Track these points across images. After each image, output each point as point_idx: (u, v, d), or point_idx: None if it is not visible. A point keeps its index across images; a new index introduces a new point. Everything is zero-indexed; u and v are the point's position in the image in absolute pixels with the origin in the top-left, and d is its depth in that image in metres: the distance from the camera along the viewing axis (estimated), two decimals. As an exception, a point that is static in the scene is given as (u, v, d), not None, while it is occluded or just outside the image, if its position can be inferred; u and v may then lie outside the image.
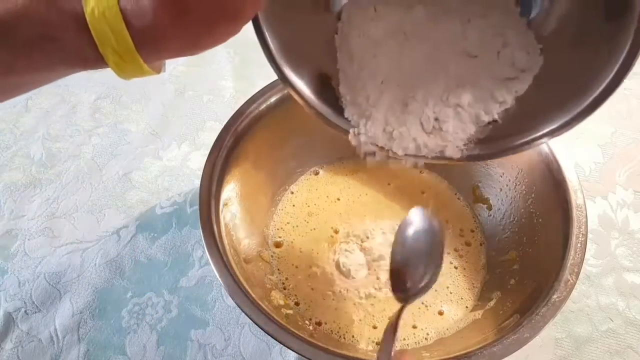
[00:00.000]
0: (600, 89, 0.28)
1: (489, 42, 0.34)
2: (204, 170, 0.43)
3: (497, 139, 0.34)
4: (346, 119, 0.36)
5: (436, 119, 0.34)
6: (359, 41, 0.36)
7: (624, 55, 0.27)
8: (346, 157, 0.55)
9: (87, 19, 0.26)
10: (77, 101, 0.65)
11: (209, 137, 0.48)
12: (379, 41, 0.35)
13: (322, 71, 0.36)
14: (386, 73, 0.35)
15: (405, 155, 0.34)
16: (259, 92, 0.48)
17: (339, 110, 0.36)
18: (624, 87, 0.62)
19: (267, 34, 0.32)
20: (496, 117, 0.34)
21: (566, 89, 0.31)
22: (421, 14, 0.35)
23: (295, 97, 0.35)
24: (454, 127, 0.34)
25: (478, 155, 0.34)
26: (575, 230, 0.39)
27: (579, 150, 0.57)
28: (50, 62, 0.28)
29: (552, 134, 0.31)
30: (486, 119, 0.34)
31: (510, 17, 0.34)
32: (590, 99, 0.29)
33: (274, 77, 0.49)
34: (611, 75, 0.28)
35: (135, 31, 0.27)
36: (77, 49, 0.28)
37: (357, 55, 0.35)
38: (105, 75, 0.69)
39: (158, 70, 0.33)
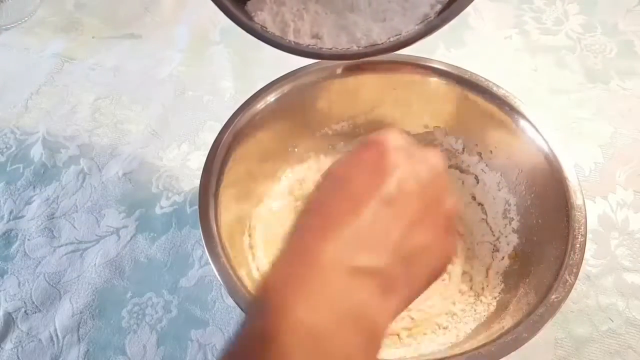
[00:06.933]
0: None
1: None
2: (203, 170, 0.43)
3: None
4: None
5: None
6: None
7: None
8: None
9: None
10: (77, 101, 0.65)
11: (209, 137, 0.48)
12: None
13: None
14: None
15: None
16: (258, 91, 0.48)
17: None
18: (624, 87, 0.62)
19: None
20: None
21: None
22: None
23: None
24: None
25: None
26: (574, 231, 0.39)
27: (579, 150, 0.57)
28: None
29: None
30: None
31: None
32: None
33: (273, 77, 0.49)
34: None
35: None
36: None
37: None
38: (105, 75, 0.69)
39: None
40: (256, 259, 0.46)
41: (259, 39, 0.37)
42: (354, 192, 0.27)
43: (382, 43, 0.36)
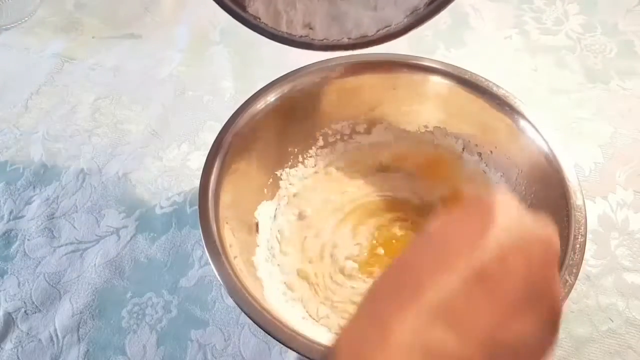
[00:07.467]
0: None
1: None
2: (203, 170, 0.43)
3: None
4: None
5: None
6: None
7: None
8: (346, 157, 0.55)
9: None
10: (77, 101, 0.65)
11: (209, 137, 0.48)
12: None
13: None
14: None
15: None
16: (258, 91, 0.48)
17: None
18: (624, 87, 0.62)
19: None
20: None
21: None
22: None
23: None
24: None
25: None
26: (574, 231, 0.39)
27: (579, 150, 0.57)
28: None
29: None
30: None
31: None
32: None
33: (273, 77, 0.49)
34: None
35: None
36: None
37: None
38: (105, 75, 0.69)
39: None
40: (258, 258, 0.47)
41: (252, 29, 0.37)
42: (445, 252, 0.22)
43: (372, 35, 0.36)
